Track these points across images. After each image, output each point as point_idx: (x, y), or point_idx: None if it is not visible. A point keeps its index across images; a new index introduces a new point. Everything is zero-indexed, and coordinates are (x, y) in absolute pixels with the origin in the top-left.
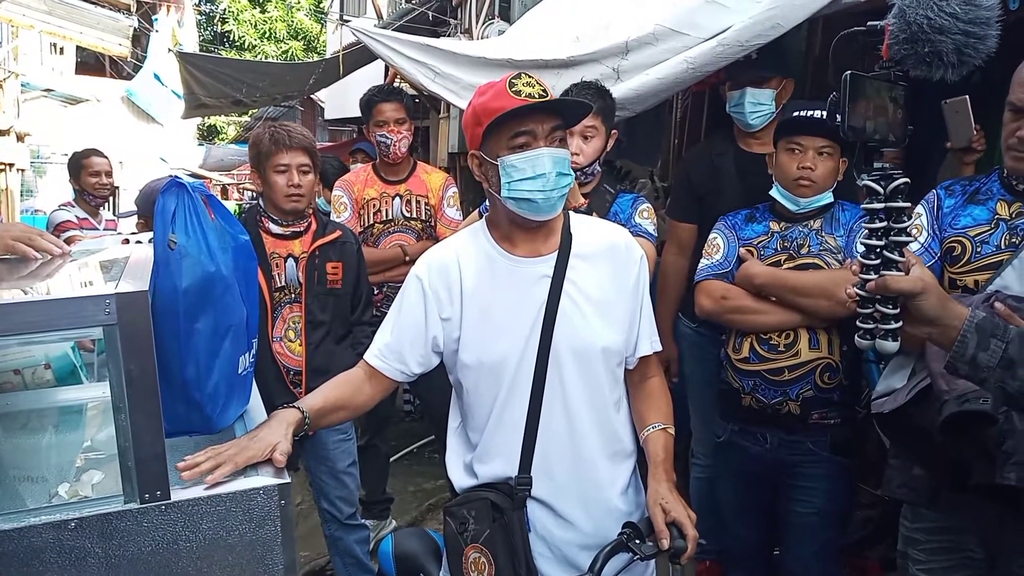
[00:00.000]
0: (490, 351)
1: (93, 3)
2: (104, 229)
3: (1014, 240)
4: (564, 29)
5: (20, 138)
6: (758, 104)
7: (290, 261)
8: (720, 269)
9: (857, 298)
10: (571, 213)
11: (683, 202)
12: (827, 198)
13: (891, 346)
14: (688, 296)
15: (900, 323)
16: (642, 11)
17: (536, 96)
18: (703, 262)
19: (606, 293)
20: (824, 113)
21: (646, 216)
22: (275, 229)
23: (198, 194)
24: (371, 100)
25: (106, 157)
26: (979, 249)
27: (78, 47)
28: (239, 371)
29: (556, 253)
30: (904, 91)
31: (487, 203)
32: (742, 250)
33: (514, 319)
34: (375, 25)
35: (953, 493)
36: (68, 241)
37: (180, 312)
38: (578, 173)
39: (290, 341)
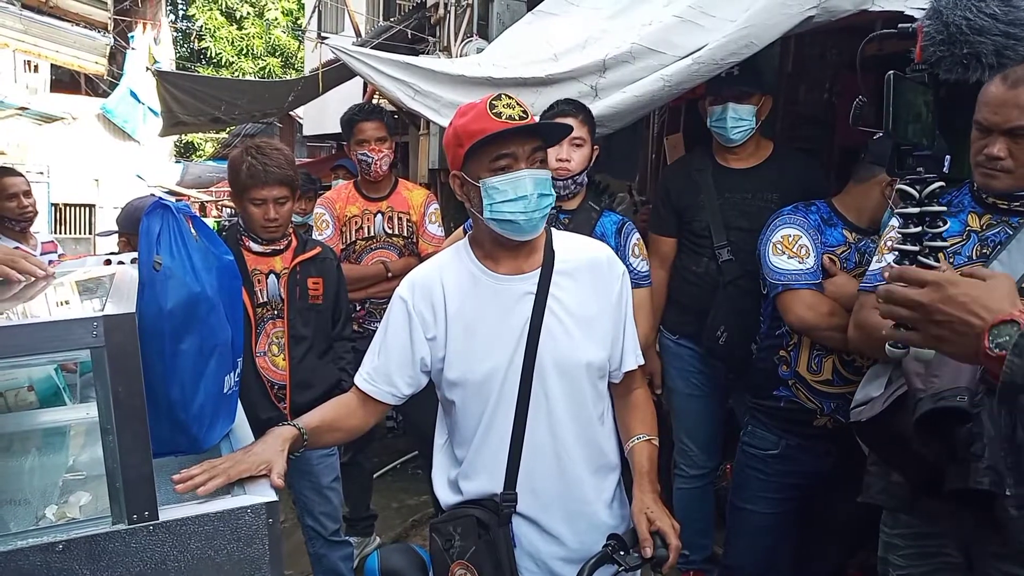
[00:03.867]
0: (475, 369)
1: (69, 22)
2: (42, 254)
3: (985, 251)
4: (542, 47)
5: None
6: (739, 119)
7: (271, 277)
8: (815, 279)
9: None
10: (553, 230)
11: (663, 216)
12: None
13: (927, 353)
14: (670, 309)
15: None
16: (619, 30)
17: (516, 118)
18: (792, 264)
19: (589, 309)
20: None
21: (639, 254)
22: (255, 248)
23: (182, 215)
24: (352, 119)
25: (21, 176)
26: (951, 260)
27: (52, 64)
28: (224, 390)
29: (539, 270)
30: (936, 95)
31: (470, 217)
32: (826, 260)
33: (498, 337)
34: (353, 42)
35: (930, 498)
36: None
37: (166, 333)
38: (567, 181)
39: (274, 356)
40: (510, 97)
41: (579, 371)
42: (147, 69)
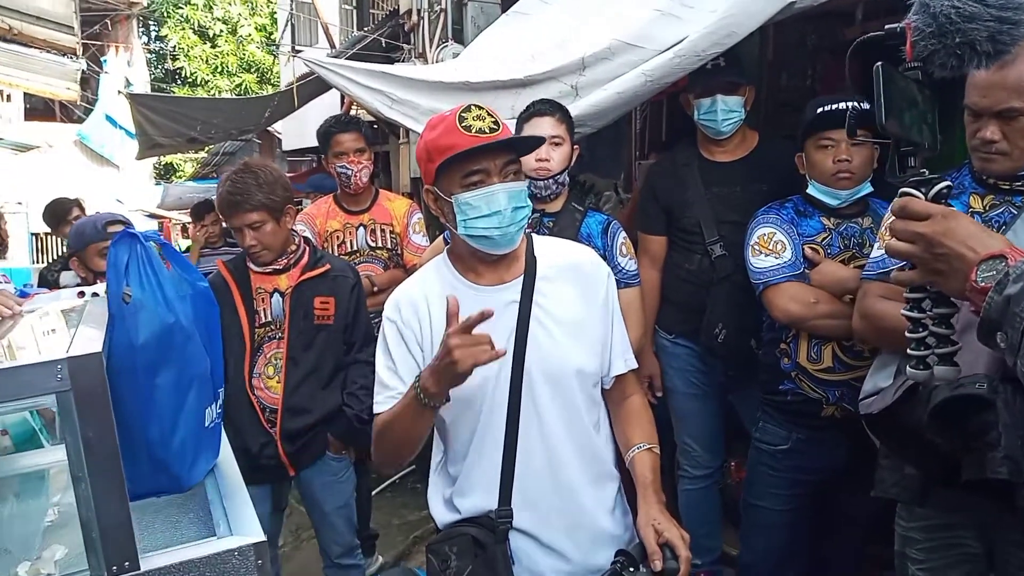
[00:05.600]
0: (464, 383)
1: (38, 49)
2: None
3: None
4: (519, 48)
5: None
6: (729, 111)
7: (276, 296)
8: (794, 270)
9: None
10: (534, 236)
11: (651, 214)
12: (866, 188)
13: (950, 373)
14: (665, 308)
15: (959, 345)
16: (597, 27)
17: (487, 130)
18: (769, 261)
19: (576, 314)
20: (849, 104)
21: (626, 253)
22: (257, 268)
23: (151, 243)
24: (328, 131)
25: None
26: None
27: (25, 93)
28: (206, 424)
29: (522, 277)
30: (934, 94)
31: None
32: (808, 250)
33: None
34: (327, 55)
35: (945, 489)
36: None
37: (139, 368)
38: (548, 182)
39: (268, 378)
40: (480, 108)
41: (569, 379)
42: (119, 92)
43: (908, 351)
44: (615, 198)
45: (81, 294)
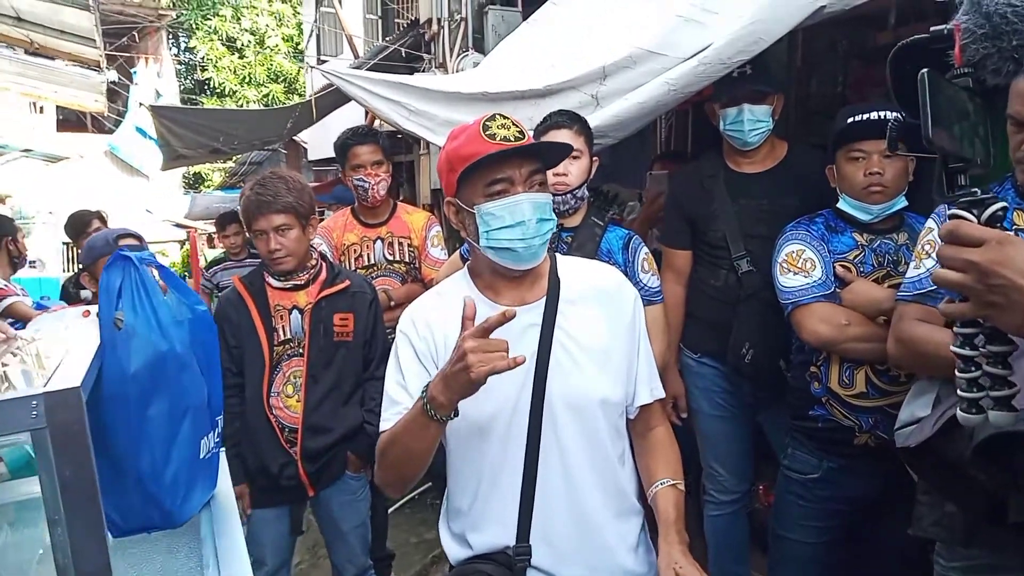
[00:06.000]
0: (478, 410)
1: (63, 61)
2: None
3: None
4: (539, 57)
5: (1, 200)
6: (757, 121)
7: (294, 313)
8: (825, 290)
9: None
10: (557, 255)
11: (675, 227)
12: (901, 202)
13: (1007, 420)
14: (690, 326)
15: (1018, 388)
16: (618, 34)
17: (512, 138)
18: (797, 280)
19: (600, 339)
20: (881, 114)
21: (648, 269)
22: (276, 283)
23: (146, 266)
24: (345, 143)
25: (11, 220)
26: None
27: (58, 105)
28: (201, 455)
29: (544, 299)
30: (986, 104)
31: (467, 244)
32: (839, 268)
33: (503, 375)
34: (350, 65)
35: (992, 528)
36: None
37: (131, 398)
38: (566, 196)
39: (287, 396)
40: (505, 117)
41: (594, 409)
42: (140, 104)
43: (959, 392)
44: (639, 208)
45: (87, 313)
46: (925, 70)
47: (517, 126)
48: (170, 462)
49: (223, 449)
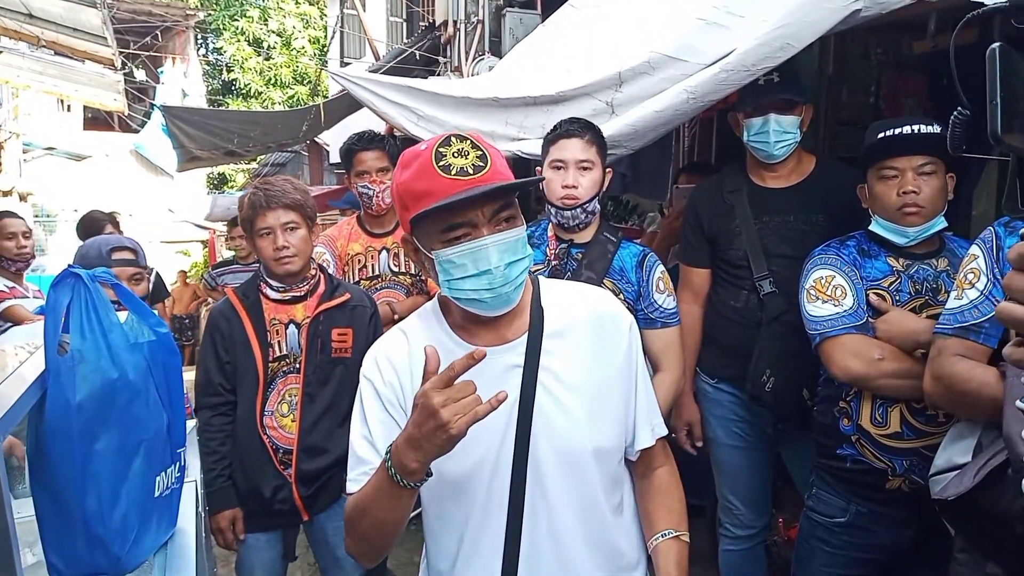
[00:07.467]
0: (456, 467)
1: (80, 60)
2: (33, 297)
3: None
4: (554, 62)
5: (23, 198)
6: (783, 133)
7: (291, 328)
8: (856, 320)
9: None
10: (541, 281)
11: (694, 245)
12: (940, 223)
13: None
14: (707, 349)
15: None
16: (635, 38)
17: (470, 170)
18: (827, 309)
19: (592, 377)
20: (915, 127)
21: (663, 289)
22: (273, 295)
23: (98, 284)
24: (350, 149)
25: (21, 218)
26: None
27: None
28: (156, 493)
29: (526, 336)
30: None
31: None
32: (872, 296)
33: (481, 424)
34: (369, 67)
35: None
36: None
37: (74, 431)
38: (576, 211)
39: (282, 416)
40: (463, 139)
41: (585, 460)
42: (152, 106)
43: (1005, 351)
44: (660, 219)
45: None
46: (997, 43)
47: (477, 149)
48: (119, 501)
49: (189, 482)
